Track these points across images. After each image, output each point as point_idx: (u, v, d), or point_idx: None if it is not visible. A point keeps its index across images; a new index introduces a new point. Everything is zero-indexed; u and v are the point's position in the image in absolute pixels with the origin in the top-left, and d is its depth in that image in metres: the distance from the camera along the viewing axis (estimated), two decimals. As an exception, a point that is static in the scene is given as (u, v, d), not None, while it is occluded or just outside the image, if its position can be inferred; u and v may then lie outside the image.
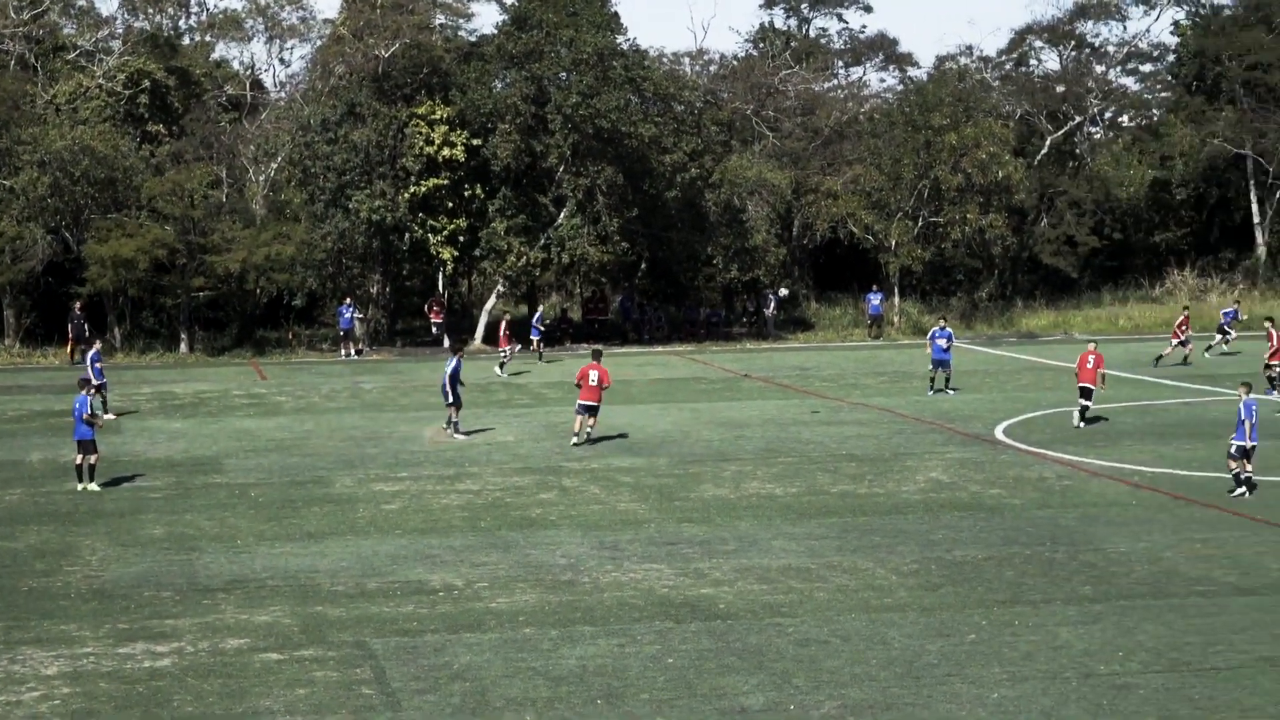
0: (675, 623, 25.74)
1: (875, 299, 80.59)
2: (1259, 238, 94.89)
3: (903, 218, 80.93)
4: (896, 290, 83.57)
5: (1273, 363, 55.50)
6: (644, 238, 76.35)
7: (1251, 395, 37.29)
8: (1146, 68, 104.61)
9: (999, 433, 46.23)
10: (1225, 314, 71.57)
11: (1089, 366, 48.12)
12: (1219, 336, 69.92)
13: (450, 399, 45.55)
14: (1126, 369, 62.03)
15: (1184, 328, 65.33)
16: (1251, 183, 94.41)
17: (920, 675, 22.92)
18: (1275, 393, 54.29)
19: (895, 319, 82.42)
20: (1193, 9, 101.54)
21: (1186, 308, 72.43)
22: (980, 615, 26.05)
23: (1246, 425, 36.32)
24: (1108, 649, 24.15)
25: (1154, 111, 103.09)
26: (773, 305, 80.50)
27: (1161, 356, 65.19)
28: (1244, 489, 36.39)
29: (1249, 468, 36.71)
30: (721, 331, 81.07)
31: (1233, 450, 36.65)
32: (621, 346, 75.15)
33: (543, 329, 70.17)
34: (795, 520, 33.84)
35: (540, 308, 75.21)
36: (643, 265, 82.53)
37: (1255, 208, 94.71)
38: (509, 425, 48.30)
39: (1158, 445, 43.84)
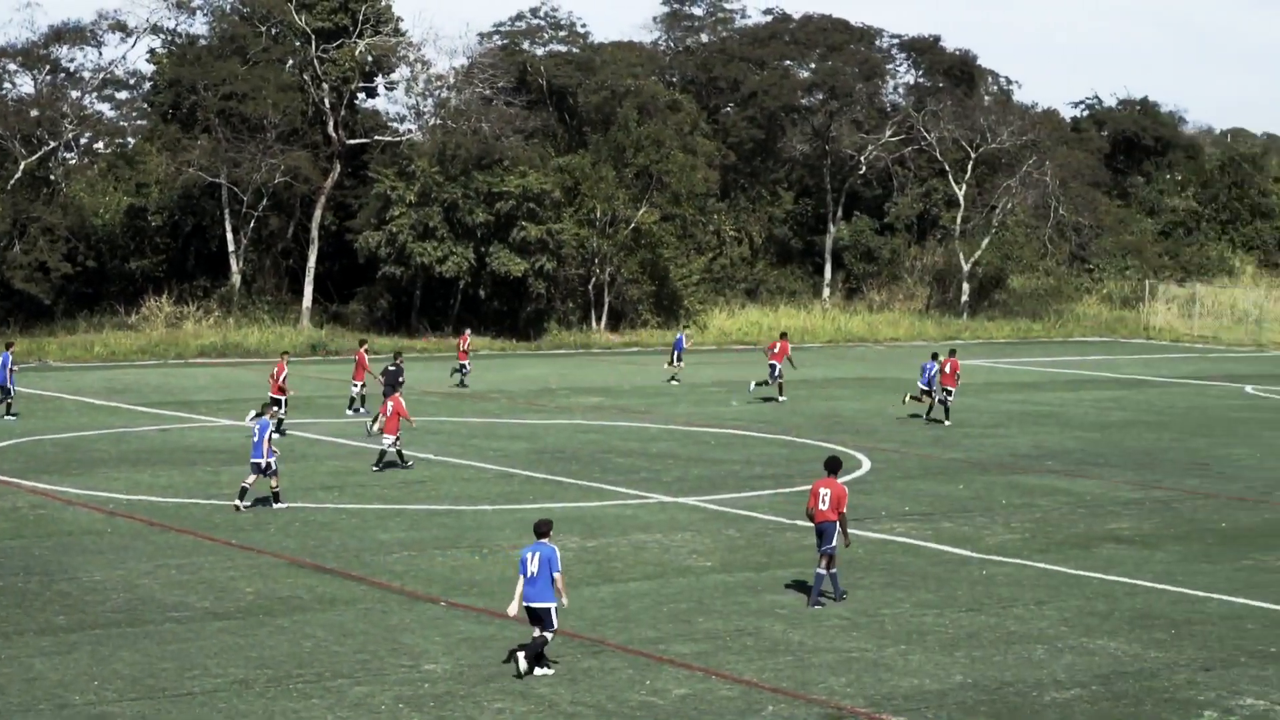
0: None
1: None
2: (234, 266, 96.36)
3: None
4: None
5: (356, 381, 56.44)
6: None
7: (265, 417, 38.46)
8: (123, 95, 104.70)
9: (-29, 462, 45.15)
10: (678, 340, 73.73)
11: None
12: (674, 363, 71.51)
13: None
14: (103, 396, 61.81)
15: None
16: (226, 211, 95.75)
17: (-114, 716, 22.06)
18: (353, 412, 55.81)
19: None
20: (169, 38, 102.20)
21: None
22: (-49, 651, 25.33)
23: (264, 445, 37.48)
24: (83, 678, 23.92)
25: (130, 139, 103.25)
26: None
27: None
28: (256, 504, 37.43)
29: (275, 485, 37.91)
30: None
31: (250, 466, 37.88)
32: None
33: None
34: None
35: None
36: None
37: (230, 236, 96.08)
38: None
39: (133, 472, 43.80)
